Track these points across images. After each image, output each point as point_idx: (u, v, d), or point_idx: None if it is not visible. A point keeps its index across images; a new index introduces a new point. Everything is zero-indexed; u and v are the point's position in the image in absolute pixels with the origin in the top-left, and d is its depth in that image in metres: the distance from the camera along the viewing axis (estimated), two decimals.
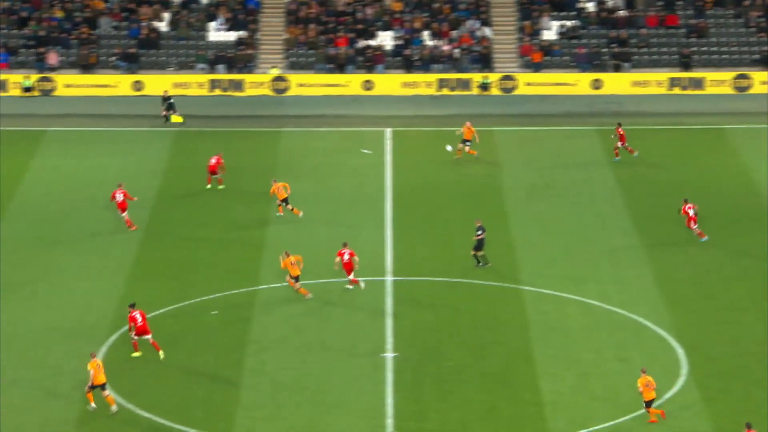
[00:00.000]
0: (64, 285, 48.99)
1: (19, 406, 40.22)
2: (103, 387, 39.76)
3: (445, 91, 75.47)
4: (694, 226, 52.64)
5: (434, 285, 49.39)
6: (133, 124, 69.24)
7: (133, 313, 43.10)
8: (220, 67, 76.33)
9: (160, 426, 39.32)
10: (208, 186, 58.81)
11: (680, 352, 43.81)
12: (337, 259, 48.29)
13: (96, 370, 39.68)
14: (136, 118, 70.29)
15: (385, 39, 78.00)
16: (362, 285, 48.17)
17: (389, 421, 39.67)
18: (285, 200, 55.38)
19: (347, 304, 47.66)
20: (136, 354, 43.29)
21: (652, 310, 46.86)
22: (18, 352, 43.67)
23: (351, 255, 48.22)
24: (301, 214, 55.32)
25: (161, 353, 43.05)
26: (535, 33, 78.17)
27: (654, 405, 39.19)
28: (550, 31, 78.37)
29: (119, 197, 53.96)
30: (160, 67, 76.38)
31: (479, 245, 50.27)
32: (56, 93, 74.16)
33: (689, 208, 52.81)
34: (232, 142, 66.43)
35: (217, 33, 77.79)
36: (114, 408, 39.86)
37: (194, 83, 74.89)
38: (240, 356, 43.64)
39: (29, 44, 76.48)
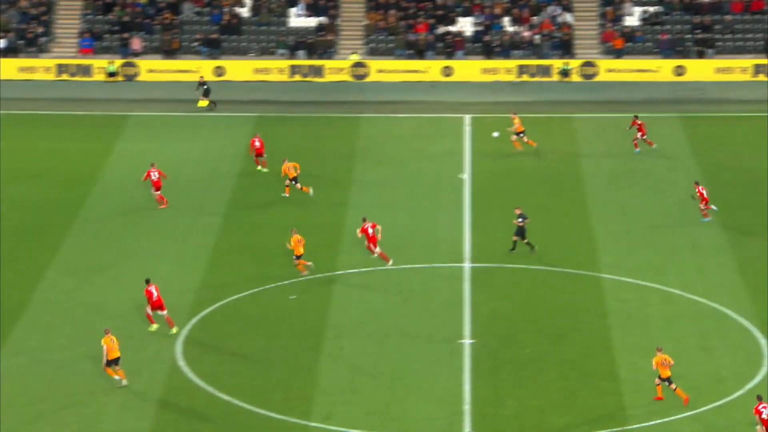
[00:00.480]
0: (145, 268, 49.34)
1: (102, 385, 40.60)
2: (116, 362, 40.28)
3: (525, 78, 74.98)
4: (706, 205, 52.67)
5: (512, 272, 49.11)
6: (214, 109, 69.56)
7: (149, 288, 43.74)
8: (301, 52, 76.47)
9: (240, 409, 39.50)
10: (259, 168, 58.83)
11: (763, 342, 43.14)
12: (361, 235, 48.63)
13: (109, 345, 40.30)
14: (218, 103, 70.59)
15: (465, 25, 77.65)
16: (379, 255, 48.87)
17: (466, 407, 39.52)
18: (294, 179, 55.65)
19: (425, 290, 47.54)
20: (153, 327, 43.81)
21: (734, 300, 46.20)
22: (100, 334, 44.02)
23: (373, 227, 48.72)
24: (311, 191, 55.55)
25: (174, 329, 43.65)
26: (617, 19, 77.38)
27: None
28: (633, 17, 77.52)
29: (154, 176, 54.45)
30: (241, 52, 76.69)
31: (520, 232, 49.73)
32: (139, 78, 74.73)
33: (702, 189, 52.73)
34: (311, 128, 66.54)
35: (298, 19, 77.92)
36: (124, 382, 40.39)
37: (275, 69, 75.10)
38: (318, 341, 43.70)
39: (114, 30, 77.15)
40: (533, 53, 76.32)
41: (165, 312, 43.87)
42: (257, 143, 58.95)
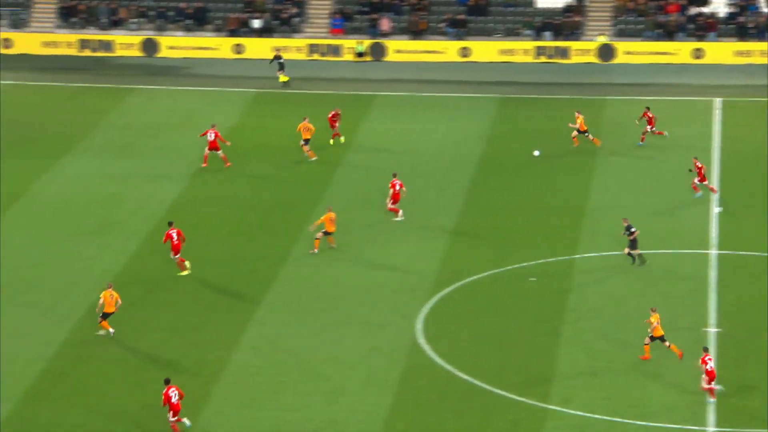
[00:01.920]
0: (388, 247, 49.92)
1: (345, 360, 41.30)
2: (108, 316, 41.67)
3: None
4: (701, 182, 52.64)
5: (761, 260, 47.62)
6: (458, 90, 69.81)
7: (170, 231, 45.83)
8: (547, 34, 75.87)
9: (478, 389, 39.56)
10: (336, 140, 59.42)
11: None
12: (391, 190, 49.86)
13: (107, 299, 41.68)
14: (462, 84, 70.79)
15: (719, 6, 75.56)
16: (401, 217, 50.22)
17: (710, 398, 38.55)
18: (307, 141, 56.85)
19: (669, 276, 46.60)
20: (185, 272, 45.95)
21: None
22: (344, 309, 44.82)
23: (401, 186, 50.16)
24: (315, 157, 56.70)
25: (185, 272, 46.04)
26: None
27: None
28: None
29: (210, 136, 55.63)
30: (486, 33, 76.60)
31: (633, 245, 46.84)
32: (387, 58, 75.50)
33: (700, 165, 52.67)
34: (555, 110, 65.97)
35: (545, 0, 77.29)
36: (102, 332, 41.88)
37: (520, 50, 74.74)
38: (557, 324, 43.37)
39: (364, 10, 78.15)
40: None
41: (179, 255, 46.12)
42: (331, 114, 59.47)
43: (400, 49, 75.48)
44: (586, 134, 59.33)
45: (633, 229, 46.82)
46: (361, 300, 45.45)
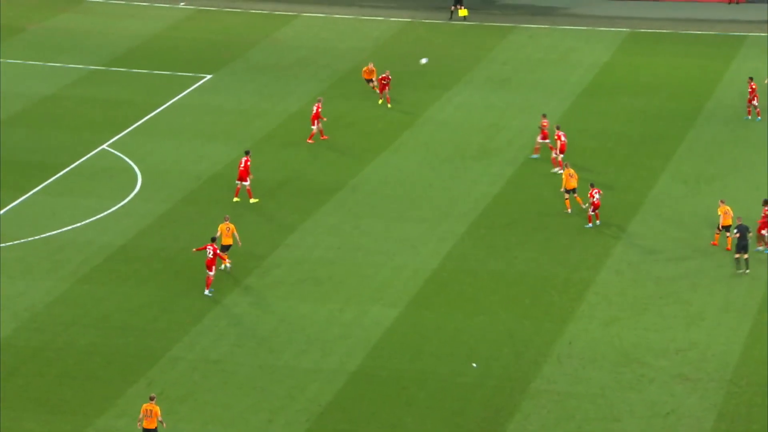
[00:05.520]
0: (752, 180, 48.64)
1: (705, 286, 40.71)
2: (226, 248, 40.84)
3: None
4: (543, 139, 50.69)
5: None
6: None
7: (242, 159, 46.15)
8: None
9: None
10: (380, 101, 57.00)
11: None
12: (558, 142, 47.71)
13: (224, 231, 41.14)
14: None
15: None
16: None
17: None
18: (369, 81, 57.06)
19: None
20: (237, 199, 46.25)
21: None
22: (707, 238, 44.01)
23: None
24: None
25: (252, 200, 45.88)
26: None
27: None
28: None
29: (314, 110, 52.79)
30: None
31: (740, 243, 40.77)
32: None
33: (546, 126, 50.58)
34: None
35: None
36: (222, 267, 41.03)
37: None
38: None
39: None
40: None
41: (247, 183, 45.81)
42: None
43: None
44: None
45: (735, 231, 41.27)
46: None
